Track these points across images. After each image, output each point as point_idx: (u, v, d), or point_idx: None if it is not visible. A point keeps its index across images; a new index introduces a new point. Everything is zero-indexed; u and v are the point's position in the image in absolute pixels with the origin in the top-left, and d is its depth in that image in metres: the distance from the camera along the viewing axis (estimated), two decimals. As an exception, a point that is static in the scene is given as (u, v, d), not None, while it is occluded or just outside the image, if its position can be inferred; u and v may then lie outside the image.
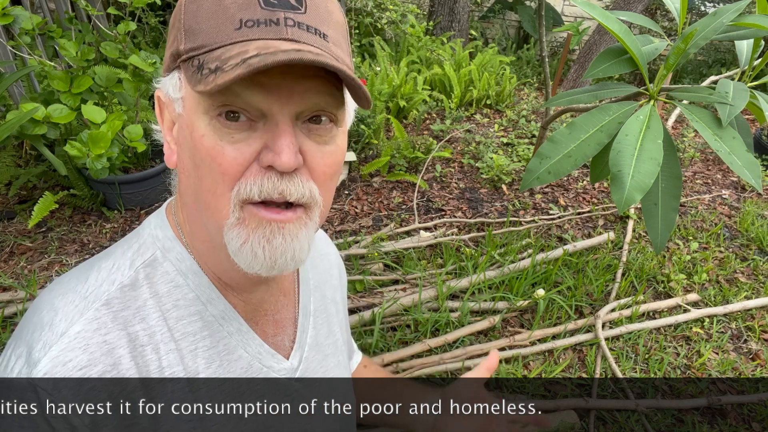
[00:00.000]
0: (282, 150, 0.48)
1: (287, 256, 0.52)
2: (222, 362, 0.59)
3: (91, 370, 0.51)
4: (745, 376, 2.23)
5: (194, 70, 0.48)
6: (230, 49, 0.47)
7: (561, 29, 5.07)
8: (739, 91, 1.78)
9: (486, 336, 2.31)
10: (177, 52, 0.51)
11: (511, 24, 6.71)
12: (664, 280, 2.73)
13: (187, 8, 0.50)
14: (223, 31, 0.48)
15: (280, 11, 0.48)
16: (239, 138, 0.49)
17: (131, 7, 2.85)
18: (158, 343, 0.56)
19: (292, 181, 0.50)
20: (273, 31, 0.47)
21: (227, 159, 0.49)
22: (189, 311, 0.58)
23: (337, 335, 0.77)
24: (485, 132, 4.22)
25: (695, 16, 5.93)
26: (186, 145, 0.52)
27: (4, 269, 2.49)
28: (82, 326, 0.52)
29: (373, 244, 2.74)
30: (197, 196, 0.53)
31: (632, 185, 1.63)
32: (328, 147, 0.52)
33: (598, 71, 2.00)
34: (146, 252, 0.59)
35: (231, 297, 0.61)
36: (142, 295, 0.56)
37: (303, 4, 0.49)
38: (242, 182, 0.49)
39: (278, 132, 0.48)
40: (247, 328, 0.62)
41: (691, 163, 4.05)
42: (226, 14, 0.48)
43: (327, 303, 0.76)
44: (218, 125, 0.49)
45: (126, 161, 2.85)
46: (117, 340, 0.53)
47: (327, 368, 0.72)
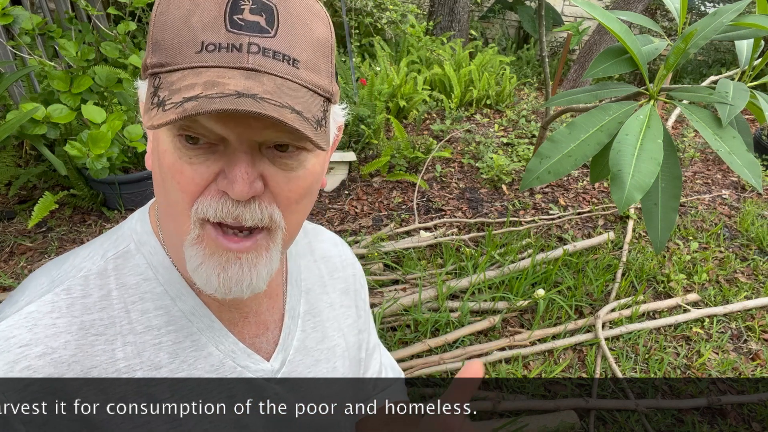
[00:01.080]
0: (235, 179, 0.47)
1: (243, 284, 0.51)
2: (187, 358, 0.58)
3: (31, 349, 0.51)
4: (745, 376, 2.23)
5: (152, 92, 0.47)
6: (185, 77, 0.45)
7: (561, 29, 5.07)
8: (739, 91, 1.78)
9: (486, 336, 2.31)
10: (145, 64, 0.49)
11: (511, 24, 6.71)
12: (664, 280, 2.74)
13: (158, 19, 0.48)
14: (184, 52, 0.46)
15: (245, 35, 0.45)
16: (198, 160, 0.48)
17: (131, 7, 2.85)
18: (115, 335, 0.55)
19: (248, 207, 0.49)
20: (232, 59, 0.45)
21: (185, 178, 0.48)
22: (155, 305, 0.58)
23: (337, 341, 0.74)
24: (485, 132, 4.22)
25: (695, 16, 5.94)
26: (155, 156, 0.52)
27: (4, 269, 2.49)
28: (36, 306, 0.53)
29: (373, 244, 2.74)
30: (166, 206, 0.53)
31: (632, 185, 1.63)
32: (294, 173, 0.50)
33: (598, 71, 2.00)
34: (121, 243, 0.59)
35: (205, 295, 0.60)
36: (108, 285, 0.56)
37: (274, 26, 0.46)
38: (200, 200, 0.49)
39: (234, 160, 0.47)
40: (219, 326, 0.61)
41: (691, 163, 4.05)
42: (190, 33, 0.46)
43: (322, 307, 0.74)
44: (179, 145, 0.48)
45: (126, 161, 2.85)
46: (67, 326, 0.53)
47: (317, 374, 0.70)
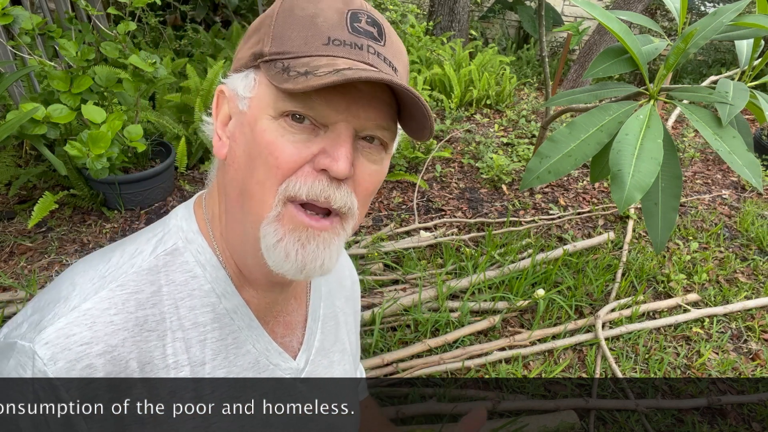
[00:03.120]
0: (340, 157, 0.51)
1: (317, 263, 0.54)
2: (228, 354, 0.61)
3: (93, 348, 0.52)
4: (745, 376, 2.23)
5: (278, 71, 0.51)
6: (318, 60, 0.50)
7: (561, 29, 5.07)
8: (739, 90, 1.78)
9: (486, 336, 2.31)
10: (260, 53, 0.54)
11: (511, 24, 6.71)
12: (664, 280, 2.73)
13: (280, 16, 0.53)
14: (311, 44, 0.51)
15: (364, 39, 0.53)
16: (300, 138, 0.52)
17: (131, 7, 2.85)
18: (165, 330, 0.57)
19: (339, 189, 0.53)
20: (356, 54, 0.52)
21: (285, 154, 0.52)
22: (202, 302, 0.60)
23: (345, 344, 0.79)
24: (485, 132, 4.22)
25: (695, 16, 5.93)
26: (243, 138, 0.55)
27: (4, 269, 2.49)
28: (93, 304, 0.54)
29: (373, 244, 2.74)
30: (244, 186, 0.55)
31: (632, 184, 1.63)
32: (375, 166, 0.56)
33: (598, 71, 2.00)
34: (169, 240, 0.61)
35: (246, 293, 0.63)
36: (159, 280, 0.58)
37: (383, 38, 0.54)
38: (292, 179, 0.52)
39: (339, 141, 0.52)
40: (257, 325, 0.63)
41: (691, 163, 4.05)
42: (316, 30, 0.52)
43: (336, 311, 0.78)
44: (283, 124, 0.52)
45: (126, 161, 2.85)
46: (124, 322, 0.54)
47: (333, 374, 0.74)
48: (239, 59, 0.57)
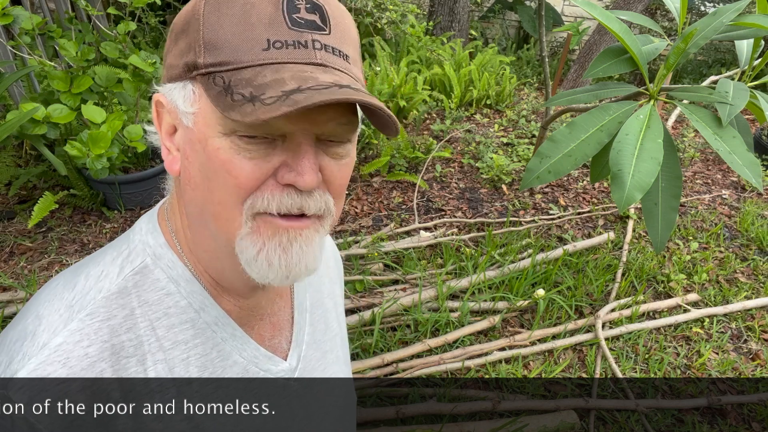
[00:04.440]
0: (305, 171, 0.48)
1: (302, 265, 0.51)
2: (215, 369, 0.58)
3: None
4: (745, 376, 2.23)
5: (220, 91, 0.47)
6: (261, 73, 0.46)
7: (561, 29, 5.07)
8: (739, 90, 1.78)
9: (486, 336, 2.31)
10: (194, 64, 0.49)
11: (511, 24, 6.71)
12: (664, 280, 2.73)
13: (207, 19, 0.48)
14: (250, 50, 0.46)
15: (307, 32, 0.47)
16: (258, 154, 0.48)
17: (131, 7, 2.85)
18: (145, 354, 0.54)
19: (311, 196, 0.50)
20: (302, 54, 0.47)
21: (244, 172, 0.48)
22: (180, 319, 0.57)
23: (335, 330, 0.76)
24: (485, 132, 4.22)
25: (695, 16, 5.93)
26: (196, 157, 0.51)
27: (4, 269, 2.49)
28: (64, 338, 0.50)
29: (373, 244, 2.74)
30: (204, 207, 0.52)
31: (632, 184, 1.63)
32: (344, 160, 0.53)
33: (598, 71, 2.00)
34: (136, 259, 0.57)
35: (225, 303, 0.60)
36: (130, 303, 0.54)
37: (327, 24, 0.49)
38: (257, 195, 0.49)
39: (300, 153, 0.48)
40: (241, 333, 0.61)
41: (691, 163, 4.05)
42: (252, 31, 0.46)
43: (323, 297, 0.75)
44: (236, 141, 0.48)
45: (126, 161, 2.85)
46: (99, 353, 0.51)
47: (326, 365, 0.72)
48: (171, 66, 0.52)
